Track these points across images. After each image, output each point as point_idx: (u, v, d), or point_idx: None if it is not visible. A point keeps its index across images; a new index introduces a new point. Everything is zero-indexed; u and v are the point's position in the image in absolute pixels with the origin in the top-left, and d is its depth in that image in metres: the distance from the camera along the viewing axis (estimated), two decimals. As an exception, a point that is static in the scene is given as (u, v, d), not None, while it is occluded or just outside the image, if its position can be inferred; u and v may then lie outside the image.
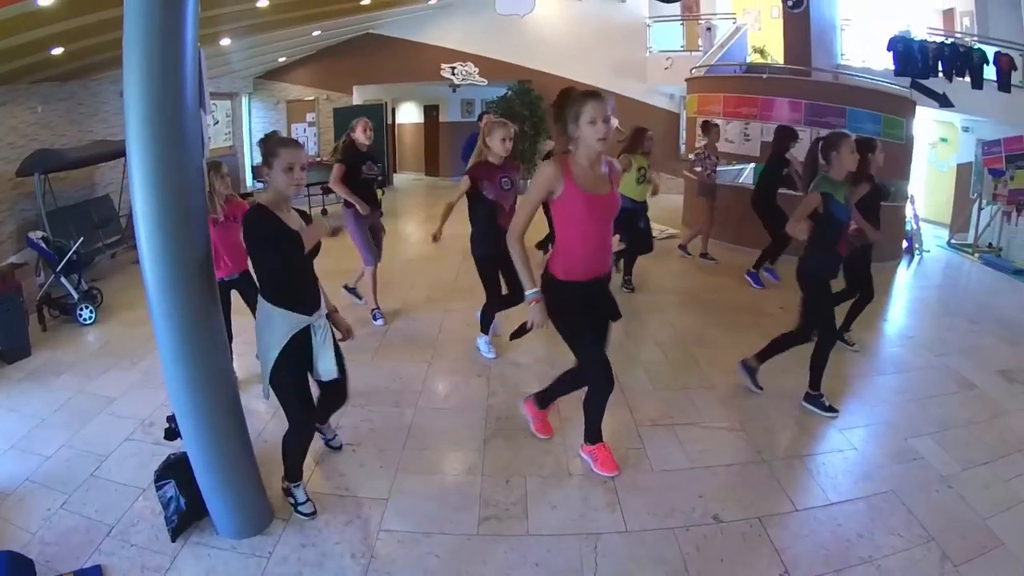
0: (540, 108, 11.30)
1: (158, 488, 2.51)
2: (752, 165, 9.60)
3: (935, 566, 2.39)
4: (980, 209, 8.35)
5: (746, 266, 6.22)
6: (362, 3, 8.86)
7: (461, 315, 4.94)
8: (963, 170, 8.80)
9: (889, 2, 10.39)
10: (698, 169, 6.70)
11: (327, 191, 8.43)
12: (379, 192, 8.10)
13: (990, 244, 8.19)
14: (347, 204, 4.67)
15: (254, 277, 3.81)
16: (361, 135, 4.64)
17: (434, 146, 14.46)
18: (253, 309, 3.41)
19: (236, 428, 2.42)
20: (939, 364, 4.44)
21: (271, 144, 2.41)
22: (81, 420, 3.43)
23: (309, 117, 12.36)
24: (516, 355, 4.27)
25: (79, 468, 2.94)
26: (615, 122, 11.48)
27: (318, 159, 10.90)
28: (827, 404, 3.57)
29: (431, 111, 14.40)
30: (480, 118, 6.64)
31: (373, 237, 4.88)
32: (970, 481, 2.99)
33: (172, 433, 2.70)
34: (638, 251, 5.81)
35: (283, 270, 2.42)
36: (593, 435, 2.93)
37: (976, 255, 8.01)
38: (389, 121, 12.63)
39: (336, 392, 2.76)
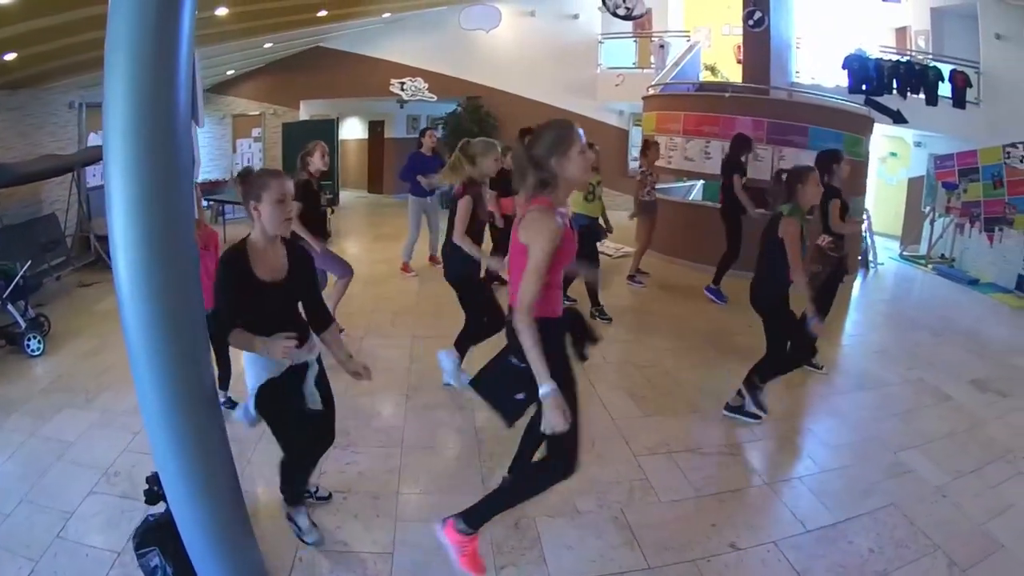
0: (489, 124, 11.49)
1: (139, 556, 2.34)
2: (701, 182, 10.03)
3: (944, 573, 2.58)
4: (932, 222, 9.01)
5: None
6: (319, 15, 8.82)
7: (431, 342, 4.83)
8: (915, 184, 9.44)
9: (841, 20, 10.96)
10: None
11: None
12: (329, 211, 8.09)
13: (942, 255, 8.81)
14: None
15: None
16: (319, 161, 4.61)
17: (378, 163, 14.44)
18: (215, 351, 3.29)
19: (230, 488, 2.27)
20: (913, 377, 4.69)
21: (259, 176, 2.33)
22: (38, 469, 3.21)
23: (255, 132, 12.30)
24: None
25: (43, 528, 2.74)
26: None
27: None
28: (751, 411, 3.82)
29: (376, 127, 14.43)
30: (423, 133, 6.71)
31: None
32: (962, 490, 3.22)
33: (154, 496, 2.58)
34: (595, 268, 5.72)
35: (254, 320, 2.32)
36: (478, 519, 2.38)
37: (930, 266, 8.59)
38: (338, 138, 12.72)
39: (320, 431, 2.66)
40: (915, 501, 3.09)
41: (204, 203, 11.27)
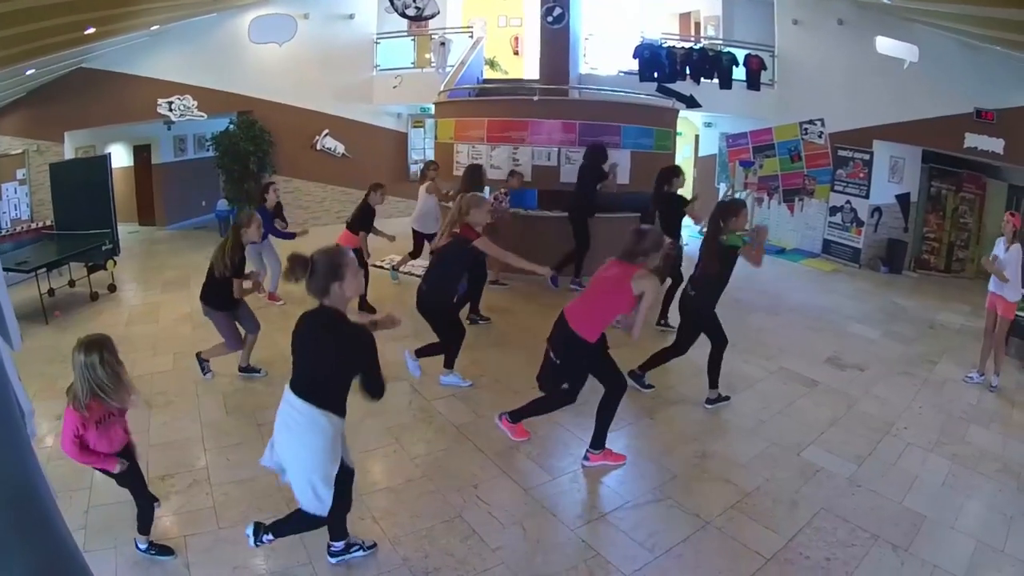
0: (265, 140, 11.47)
1: None
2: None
3: (892, 557, 3.15)
4: (728, 197, 10.56)
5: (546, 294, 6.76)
6: (86, 33, 8.00)
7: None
8: (706, 162, 10.98)
9: (624, 9, 12.12)
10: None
11: (53, 266, 7.67)
12: (112, 263, 7.64)
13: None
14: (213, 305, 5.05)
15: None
16: (255, 233, 5.04)
17: (147, 191, 13.91)
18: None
19: None
20: (775, 368, 5.40)
21: (339, 256, 2.79)
22: None
23: (19, 174, 11.11)
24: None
25: None
26: (341, 148, 11.93)
27: (34, 226, 10.00)
28: (722, 395, 4.82)
29: (141, 152, 13.80)
30: (266, 188, 7.14)
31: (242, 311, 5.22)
32: (870, 475, 3.86)
33: None
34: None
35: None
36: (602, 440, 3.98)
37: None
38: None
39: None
40: (838, 498, 3.62)
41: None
